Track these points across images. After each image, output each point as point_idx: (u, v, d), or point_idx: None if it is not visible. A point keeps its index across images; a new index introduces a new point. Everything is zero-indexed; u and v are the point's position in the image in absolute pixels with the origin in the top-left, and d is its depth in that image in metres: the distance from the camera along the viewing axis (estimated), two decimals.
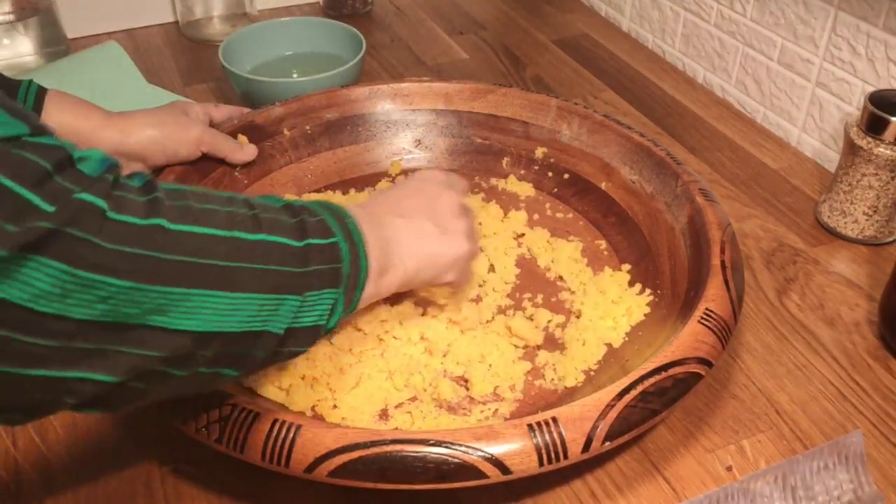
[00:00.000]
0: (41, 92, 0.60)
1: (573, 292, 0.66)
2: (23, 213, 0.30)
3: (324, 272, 0.44)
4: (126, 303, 0.34)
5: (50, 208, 0.31)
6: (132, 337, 0.35)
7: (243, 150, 0.72)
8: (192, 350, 0.38)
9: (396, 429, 0.55)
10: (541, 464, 0.46)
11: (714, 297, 0.55)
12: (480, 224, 0.71)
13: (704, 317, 0.53)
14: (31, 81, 0.61)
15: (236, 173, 0.73)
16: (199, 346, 0.38)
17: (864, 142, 0.69)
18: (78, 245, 0.32)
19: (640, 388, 0.48)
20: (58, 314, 0.32)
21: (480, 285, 0.66)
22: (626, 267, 0.67)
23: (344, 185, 0.79)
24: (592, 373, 0.59)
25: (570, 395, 0.58)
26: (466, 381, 0.58)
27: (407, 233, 0.52)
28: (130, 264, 0.34)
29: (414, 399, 0.57)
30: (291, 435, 0.46)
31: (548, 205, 0.76)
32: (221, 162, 0.72)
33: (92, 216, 0.32)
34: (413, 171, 0.80)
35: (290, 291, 0.42)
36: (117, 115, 0.64)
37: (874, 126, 0.69)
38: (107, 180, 0.34)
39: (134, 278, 0.34)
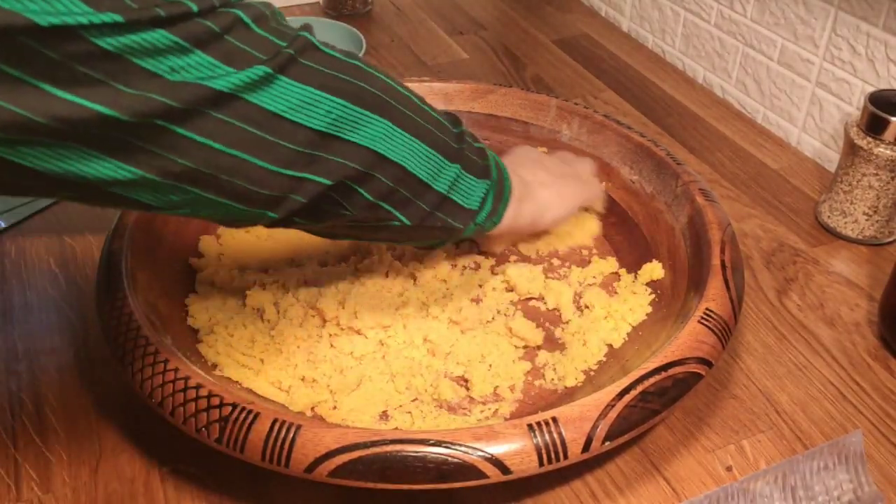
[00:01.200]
0: None
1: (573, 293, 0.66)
2: (269, 45, 0.40)
3: (475, 162, 0.53)
4: (340, 119, 0.43)
5: (284, 43, 0.41)
6: (340, 148, 0.44)
7: None
8: (375, 168, 0.46)
9: (396, 429, 0.54)
10: (541, 464, 0.46)
11: (714, 297, 0.55)
12: None
13: (704, 317, 0.53)
14: None
15: None
16: (381, 166, 0.46)
17: (864, 142, 0.69)
18: (307, 69, 0.42)
19: (640, 388, 0.48)
20: (301, 123, 0.42)
21: (480, 286, 0.66)
22: (622, 267, 0.67)
23: None
24: (592, 373, 0.59)
25: (570, 395, 0.58)
26: (467, 381, 0.58)
27: (535, 180, 0.62)
28: (341, 86, 0.43)
29: (415, 400, 0.57)
30: (291, 435, 0.46)
31: None
32: None
33: (311, 49, 0.43)
34: None
35: (451, 158, 0.51)
36: None
37: (874, 126, 0.69)
38: (310, 29, 0.44)
39: (345, 98, 0.43)
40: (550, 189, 0.62)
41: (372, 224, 0.49)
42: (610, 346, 0.61)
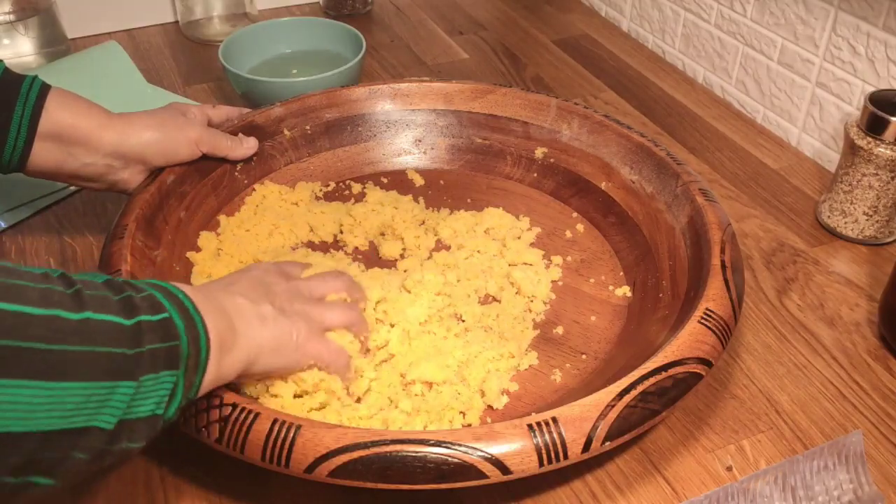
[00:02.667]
0: (44, 88, 0.60)
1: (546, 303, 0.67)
2: None
3: (159, 352, 0.39)
4: None
5: None
6: None
7: (243, 146, 0.72)
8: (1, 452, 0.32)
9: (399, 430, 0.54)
10: (541, 464, 0.46)
11: (714, 297, 0.55)
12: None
13: (704, 317, 0.53)
14: (35, 77, 0.61)
15: (236, 173, 0.73)
16: (3, 450, 0.32)
17: (864, 142, 0.69)
18: None
19: (640, 388, 0.48)
20: None
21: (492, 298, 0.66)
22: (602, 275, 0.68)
23: (344, 186, 0.79)
24: (591, 372, 0.59)
25: (570, 395, 0.58)
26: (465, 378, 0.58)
27: (246, 308, 0.48)
28: None
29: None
30: (291, 435, 0.46)
31: (548, 205, 0.76)
32: (221, 161, 0.72)
33: None
34: (415, 171, 0.80)
35: (123, 377, 0.36)
36: (117, 116, 0.64)
37: (874, 126, 0.69)
38: None
39: None
40: (266, 331, 0.49)
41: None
42: (609, 346, 0.61)
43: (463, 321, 0.63)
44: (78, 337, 0.35)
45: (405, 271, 0.67)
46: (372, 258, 0.71)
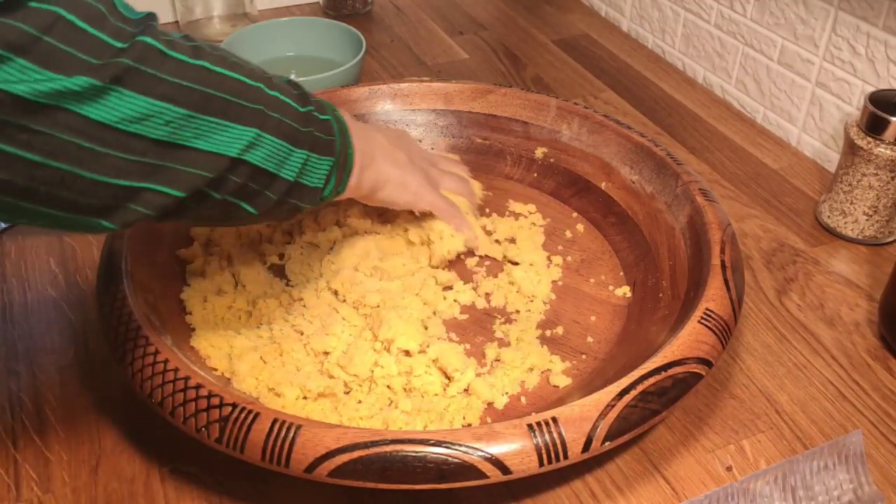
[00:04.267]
0: None
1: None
2: (101, 49, 0.36)
3: (320, 140, 0.52)
4: (183, 127, 0.41)
5: (121, 45, 0.37)
6: (187, 157, 0.42)
7: None
8: (225, 172, 0.44)
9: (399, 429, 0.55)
10: (541, 464, 0.46)
11: (714, 297, 0.55)
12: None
13: (704, 317, 0.53)
14: None
15: None
16: (231, 169, 0.44)
17: (864, 142, 0.69)
18: (149, 79, 0.39)
19: (640, 388, 0.48)
20: (138, 133, 0.39)
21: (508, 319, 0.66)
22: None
23: None
24: (591, 372, 0.59)
25: (569, 395, 0.58)
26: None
27: (385, 146, 0.62)
28: (186, 95, 0.41)
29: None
30: (291, 435, 0.46)
31: (547, 206, 0.76)
32: None
33: (155, 55, 0.39)
34: None
35: (298, 144, 0.49)
36: None
37: (874, 126, 0.69)
38: (153, 25, 0.40)
39: (189, 107, 0.41)
40: (396, 169, 0.62)
41: (218, 217, 0.48)
42: (609, 346, 0.61)
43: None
44: (273, 106, 0.47)
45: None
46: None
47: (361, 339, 0.60)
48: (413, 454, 0.45)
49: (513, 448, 0.45)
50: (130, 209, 0.41)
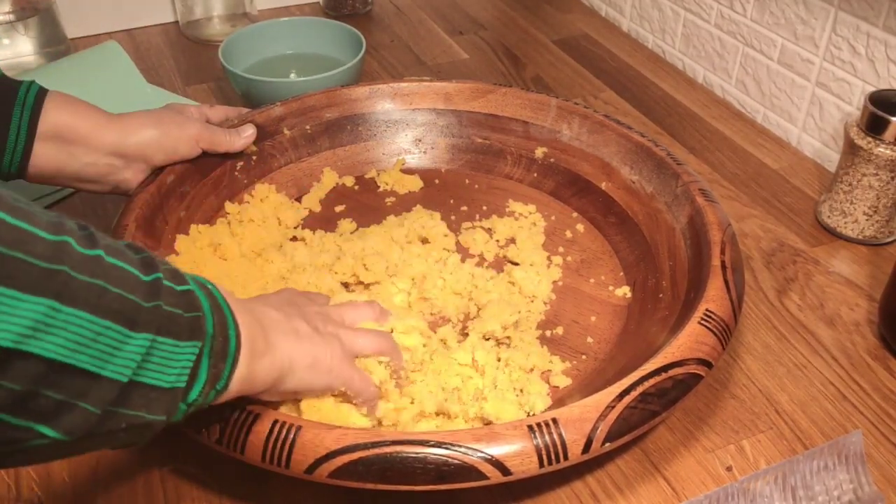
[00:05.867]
0: (41, 92, 0.60)
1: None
2: None
3: (180, 319, 0.37)
4: None
5: None
6: None
7: (241, 137, 0.72)
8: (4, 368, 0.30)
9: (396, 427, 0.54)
10: (541, 465, 0.46)
11: (714, 297, 0.55)
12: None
13: (704, 318, 0.53)
14: (32, 82, 0.61)
15: (236, 173, 0.73)
16: (10, 365, 0.30)
17: (864, 142, 0.69)
18: None
19: (640, 389, 0.48)
20: None
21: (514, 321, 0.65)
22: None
23: (344, 185, 0.79)
24: (591, 373, 0.59)
25: (569, 395, 0.58)
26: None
27: (277, 318, 0.46)
28: None
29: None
30: (291, 436, 0.46)
31: (547, 206, 0.76)
32: (222, 160, 0.72)
33: None
34: (415, 171, 0.80)
35: (137, 327, 0.34)
36: (116, 116, 0.64)
37: (874, 126, 0.69)
38: None
39: None
40: (300, 345, 0.46)
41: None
42: (609, 346, 0.61)
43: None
44: (88, 269, 0.32)
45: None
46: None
47: None
48: (413, 455, 0.45)
49: (513, 449, 0.45)
50: None
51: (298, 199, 0.77)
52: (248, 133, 0.73)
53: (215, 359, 0.40)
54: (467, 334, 0.61)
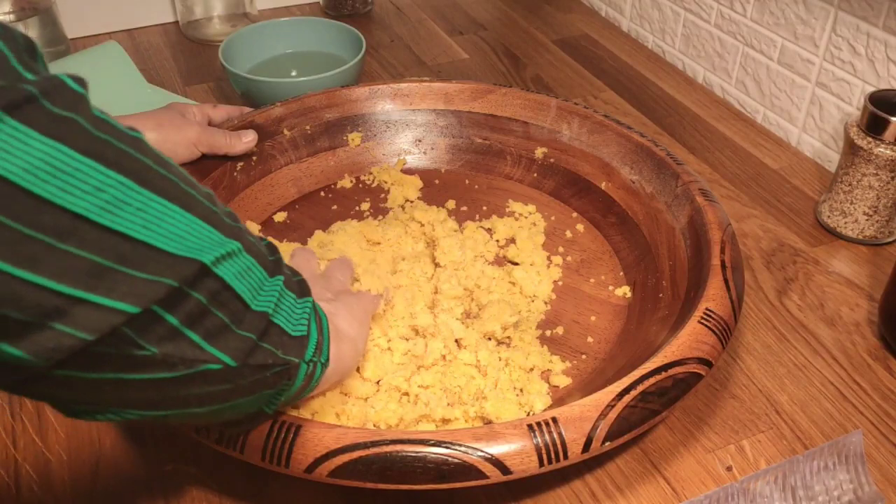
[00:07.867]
0: None
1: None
2: (9, 75, 0.28)
3: (291, 277, 0.42)
4: (122, 204, 0.30)
5: (30, 76, 0.28)
6: (135, 252, 0.30)
7: (242, 141, 0.72)
8: (191, 284, 0.33)
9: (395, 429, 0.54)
10: (541, 464, 0.46)
11: (714, 297, 0.55)
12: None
13: (704, 317, 0.53)
14: None
15: (236, 174, 0.73)
16: (199, 280, 0.33)
17: (864, 142, 0.69)
18: (63, 121, 0.29)
19: (640, 388, 0.48)
20: (50, 200, 0.28)
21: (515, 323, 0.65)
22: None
23: (343, 186, 0.79)
24: (591, 372, 0.59)
25: (569, 395, 0.58)
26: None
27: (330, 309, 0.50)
28: (117, 156, 0.30)
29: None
30: (291, 435, 0.46)
31: (546, 207, 0.76)
32: (222, 161, 0.72)
33: (72, 97, 0.30)
34: (415, 171, 0.80)
35: (270, 270, 0.39)
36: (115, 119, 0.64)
37: (874, 126, 0.69)
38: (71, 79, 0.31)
39: (122, 172, 0.30)
40: (348, 318, 0.50)
41: (173, 376, 0.34)
42: (610, 346, 0.61)
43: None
44: (229, 230, 0.36)
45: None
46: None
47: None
48: (413, 454, 0.45)
49: (513, 448, 0.45)
50: (55, 332, 0.29)
51: (298, 200, 0.77)
52: (249, 139, 0.72)
53: (318, 325, 0.44)
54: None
